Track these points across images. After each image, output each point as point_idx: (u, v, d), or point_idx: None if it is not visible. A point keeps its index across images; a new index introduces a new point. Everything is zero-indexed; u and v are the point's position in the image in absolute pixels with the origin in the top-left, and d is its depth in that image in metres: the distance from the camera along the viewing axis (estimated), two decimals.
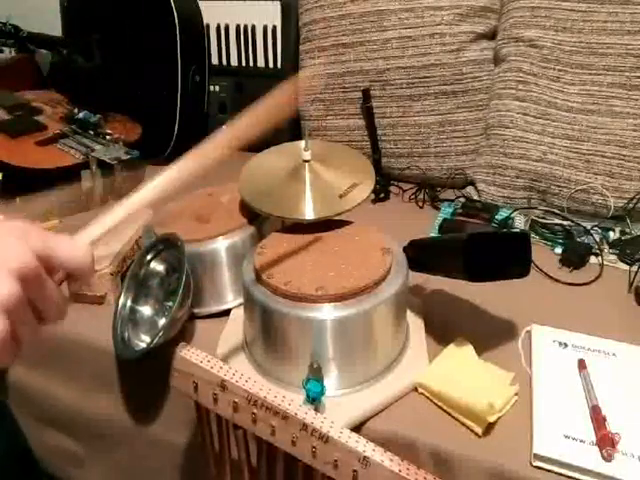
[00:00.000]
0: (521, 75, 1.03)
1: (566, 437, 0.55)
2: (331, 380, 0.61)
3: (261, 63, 1.34)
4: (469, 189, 1.11)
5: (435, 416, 0.60)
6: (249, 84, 1.35)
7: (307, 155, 0.75)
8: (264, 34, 1.31)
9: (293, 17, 1.28)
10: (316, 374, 0.58)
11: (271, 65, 1.33)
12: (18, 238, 0.34)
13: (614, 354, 0.66)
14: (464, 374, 0.63)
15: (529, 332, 0.71)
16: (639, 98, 0.94)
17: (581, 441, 0.54)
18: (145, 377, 0.74)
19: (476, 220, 0.99)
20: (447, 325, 0.72)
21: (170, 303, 0.73)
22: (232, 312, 0.77)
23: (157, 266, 0.78)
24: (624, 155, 0.94)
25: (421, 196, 1.10)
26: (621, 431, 0.54)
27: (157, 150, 1.31)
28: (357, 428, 0.59)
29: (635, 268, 0.81)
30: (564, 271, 0.86)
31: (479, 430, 0.57)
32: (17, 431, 0.83)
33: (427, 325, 0.72)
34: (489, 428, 0.57)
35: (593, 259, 0.88)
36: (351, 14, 1.15)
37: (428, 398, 0.62)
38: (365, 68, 1.16)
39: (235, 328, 0.73)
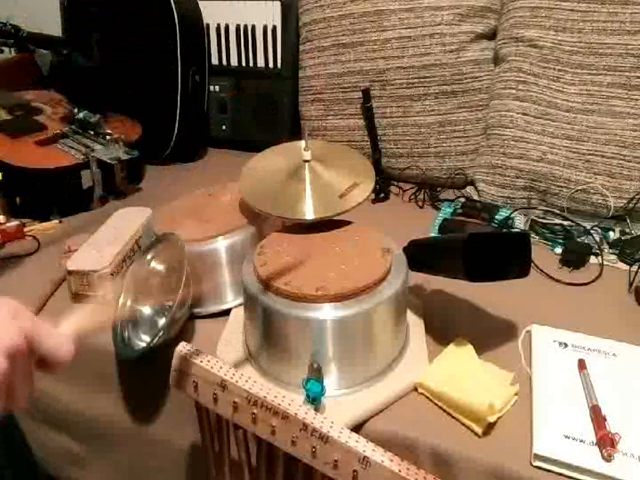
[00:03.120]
0: (521, 75, 1.03)
1: (566, 437, 0.55)
2: (331, 380, 0.61)
3: (261, 63, 1.34)
4: (469, 189, 1.11)
5: (435, 416, 0.60)
6: (249, 84, 1.35)
7: (307, 155, 0.75)
8: (264, 34, 1.31)
9: (293, 17, 1.28)
10: (316, 374, 0.58)
11: (271, 65, 1.33)
12: (10, 317, 0.35)
13: (614, 354, 0.66)
14: (464, 374, 0.63)
15: (529, 332, 0.71)
16: (639, 98, 0.94)
17: (581, 441, 0.54)
18: (145, 377, 0.74)
19: (476, 220, 0.99)
20: (447, 325, 0.72)
21: (170, 303, 0.73)
22: (232, 312, 0.77)
23: (157, 266, 0.78)
24: (624, 155, 0.94)
25: (421, 196, 1.10)
26: (621, 431, 0.54)
27: (157, 150, 1.31)
28: (357, 428, 0.59)
29: (635, 268, 0.81)
30: (564, 271, 0.86)
31: (479, 430, 0.57)
32: (17, 431, 0.83)
33: (427, 325, 0.72)
34: (489, 428, 0.57)
35: (593, 259, 0.88)
36: (351, 14, 1.15)
37: (428, 398, 0.62)
38: (365, 68, 1.16)
39: (235, 328, 0.73)
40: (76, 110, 1.25)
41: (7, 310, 0.36)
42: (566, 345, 0.67)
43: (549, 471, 0.53)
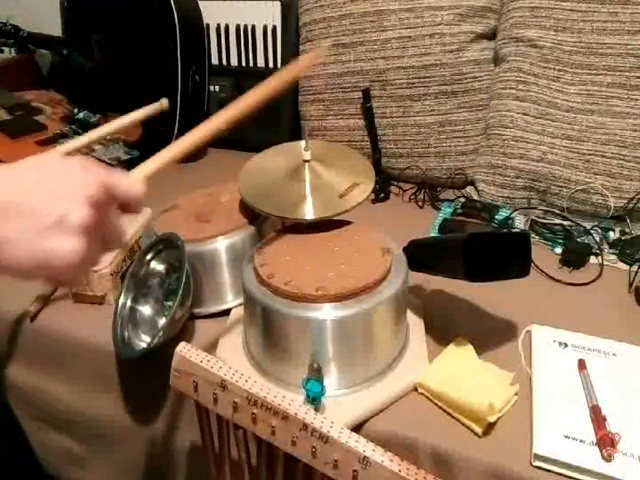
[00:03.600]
0: (521, 75, 1.03)
1: (566, 437, 0.55)
2: (331, 380, 0.61)
3: (261, 63, 1.34)
4: (469, 189, 1.11)
5: (435, 416, 0.60)
6: (249, 84, 1.33)
7: (307, 155, 0.75)
8: (264, 34, 1.31)
9: (293, 17, 1.28)
10: (316, 374, 0.58)
11: (271, 65, 1.33)
12: (86, 170, 0.39)
13: (614, 354, 0.66)
14: (464, 374, 0.63)
15: (529, 332, 0.71)
16: (639, 98, 0.94)
17: (581, 441, 0.54)
18: (145, 377, 0.74)
19: (476, 220, 0.99)
20: (447, 325, 0.72)
21: (170, 303, 0.73)
22: (232, 312, 0.77)
23: (157, 266, 0.78)
24: (624, 155, 0.94)
25: (421, 196, 1.10)
26: (621, 431, 0.54)
27: (157, 150, 1.30)
28: (357, 428, 0.59)
29: (635, 268, 0.81)
30: (564, 271, 0.86)
31: (479, 430, 0.57)
32: (18, 431, 0.83)
33: (427, 325, 0.72)
34: (489, 428, 0.57)
35: (593, 259, 0.87)
36: (351, 14, 1.15)
37: (428, 398, 0.62)
38: (365, 68, 1.16)
39: (235, 328, 0.73)
40: (76, 110, 1.25)
41: (81, 165, 0.39)
42: (566, 345, 0.67)
43: (549, 471, 0.53)
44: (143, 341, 0.73)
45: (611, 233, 0.93)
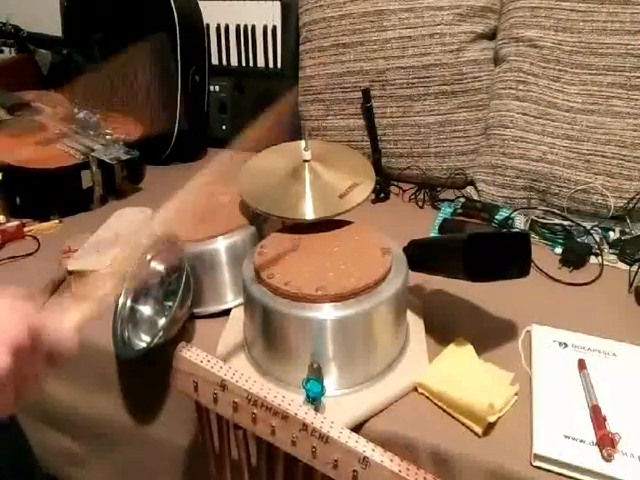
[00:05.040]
0: (521, 75, 1.03)
1: (566, 437, 0.55)
2: (331, 380, 0.61)
3: (261, 63, 1.34)
4: (469, 189, 1.11)
5: (435, 416, 0.60)
6: (249, 84, 1.35)
7: (307, 155, 0.75)
8: (264, 34, 1.31)
9: (293, 17, 1.28)
10: (316, 374, 0.58)
11: (271, 65, 1.33)
12: (14, 313, 0.36)
13: (614, 354, 0.66)
14: (464, 374, 0.63)
15: (529, 332, 0.71)
16: (639, 98, 0.94)
17: (581, 441, 0.54)
18: (145, 377, 0.74)
19: (476, 220, 0.99)
20: (447, 325, 0.72)
21: (170, 303, 0.73)
22: (232, 312, 0.77)
23: (157, 266, 0.78)
24: (624, 155, 0.94)
25: (421, 196, 1.10)
26: (621, 431, 0.54)
27: (157, 150, 1.31)
28: (357, 428, 0.59)
29: (635, 268, 0.81)
30: (564, 271, 0.86)
31: (479, 430, 0.57)
32: (18, 431, 0.83)
33: (427, 325, 0.72)
34: (489, 428, 0.57)
35: (593, 259, 0.87)
36: (351, 14, 1.15)
37: (428, 398, 0.62)
38: (365, 68, 1.16)
39: (235, 328, 0.73)
40: (76, 110, 1.25)
41: (12, 307, 0.36)
42: (566, 345, 0.67)
43: (549, 471, 0.53)
44: (143, 341, 0.73)
45: (611, 233, 0.93)
